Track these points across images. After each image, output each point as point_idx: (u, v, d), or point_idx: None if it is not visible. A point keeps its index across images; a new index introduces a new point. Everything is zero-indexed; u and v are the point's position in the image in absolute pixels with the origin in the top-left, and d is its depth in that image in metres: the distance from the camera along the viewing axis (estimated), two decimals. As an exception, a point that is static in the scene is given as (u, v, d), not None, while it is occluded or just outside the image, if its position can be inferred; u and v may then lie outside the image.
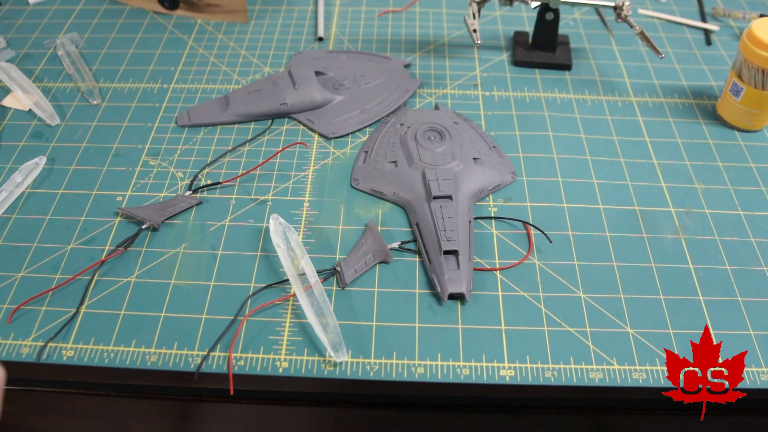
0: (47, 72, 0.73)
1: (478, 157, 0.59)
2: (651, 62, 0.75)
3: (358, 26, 0.80)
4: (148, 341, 0.48)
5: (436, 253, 0.52)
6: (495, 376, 0.46)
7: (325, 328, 0.47)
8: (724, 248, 0.55)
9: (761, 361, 0.47)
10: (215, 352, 0.47)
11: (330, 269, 0.52)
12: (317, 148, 0.63)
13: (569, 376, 0.46)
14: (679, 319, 0.50)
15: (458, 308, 0.50)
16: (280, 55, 0.75)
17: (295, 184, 0.60)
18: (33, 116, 0.67)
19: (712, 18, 0.82)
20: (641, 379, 0.46)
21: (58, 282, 0.52)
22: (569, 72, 0.73)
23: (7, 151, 0.63)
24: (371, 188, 0.59)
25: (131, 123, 0.66)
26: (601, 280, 0.52)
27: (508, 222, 0.57)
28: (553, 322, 0.49)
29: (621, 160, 0.62)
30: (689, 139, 0.65)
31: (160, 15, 0.81)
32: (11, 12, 0.83)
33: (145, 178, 0.60)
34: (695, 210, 0.58)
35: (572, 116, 0.67)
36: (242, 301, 0.50)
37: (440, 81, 0.72)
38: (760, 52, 0.60)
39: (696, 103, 0.69)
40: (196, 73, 0.72)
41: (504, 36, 0.78)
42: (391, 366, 0.47)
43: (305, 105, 0.66)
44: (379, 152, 0.61)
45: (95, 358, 0.47)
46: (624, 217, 0.57)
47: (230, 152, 0.63)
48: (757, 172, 0.62)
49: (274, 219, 0.52)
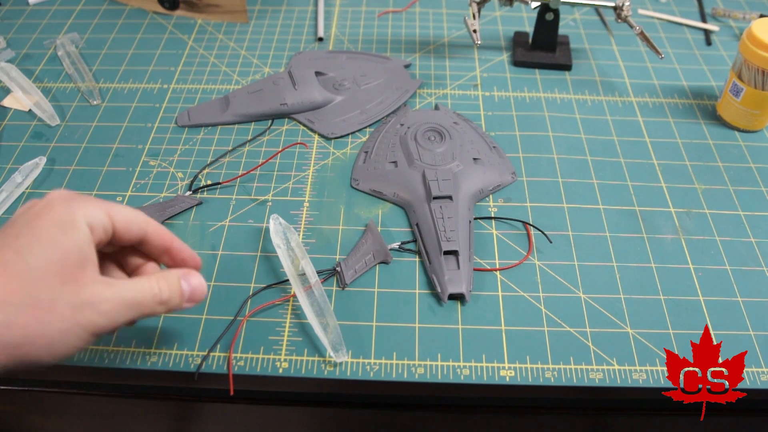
0: (47, 72, 0.73)
1: (478, 157, 0.59)
2: (651, 62, 0.75)
3: (358, 26, 0.80)
4: (148, 341, 0.48)
5: (436, 254, 0.52)
6: (495, 377, 0.46)
7: (325, 329, 0.47)
8: (724, 248, 0.55)
9: (761, 361, 0.47)
10: (215, 352, 0.47)
11: (330, 269, 0.52)
12: (317, 149, 0.63)
13: (569, 376, 0.46)
14: (679, 319, 0.50)
15: (458, 308, 0.50)
16: (280, 56, 0.75)
17: (295, 185, 0.60)
18: (33, 116, 0.67)
19: (712, 18, 0.82)
20: (641, 380, 0.46)
21: (58, 282, 0.51)
22: (569, 72, 0.73)
23: (7, 152, 0.63)
24: (371, 188, 0.59)
25: (131, 123, 0.66)
26: (601, 280, 0.52)
27: (508, 222, 0.57)
28: (553, 322, 0.49)
29: (621, 160, 0.62)
30: (689, 140, 0.65)
31: (160, 15, 0.81)
32: (11, 12, 0.83)
33: (145, 178, 0.60)
34: (695, 210, 0.58)
35: (572, 116, 0.67)
36: (242, 301, 0.50)
37: (440, 81, 0.72)
38: (760, 52, 0.60)
39: (696, 104, 0.69)
40: (196, 73, 0.73)
41: (504, 36, 0.78)
42: (391, 366, 0.47)
43: (305, 105, 0.66)
44: (379, 152, 0.61)
45: (95, 358, 0.47)
46: (624, 218, 0.57)
47: (230, 152, 0.63)
48: (757, 172, 0.62)
49: (274, 219, 0.52)
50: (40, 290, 0.33)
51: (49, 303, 0.33)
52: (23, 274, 0.32)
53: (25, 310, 0.32)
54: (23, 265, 0.32)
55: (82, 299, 0.34)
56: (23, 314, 0.32)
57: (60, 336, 0.33)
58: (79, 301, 0.33)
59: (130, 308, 0.36)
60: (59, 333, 0.33)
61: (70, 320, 0.33)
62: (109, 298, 0.35)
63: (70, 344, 0.33)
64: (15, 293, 0.32)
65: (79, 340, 0.34)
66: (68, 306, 0.33)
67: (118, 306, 0.35)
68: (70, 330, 0.33)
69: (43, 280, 0.33)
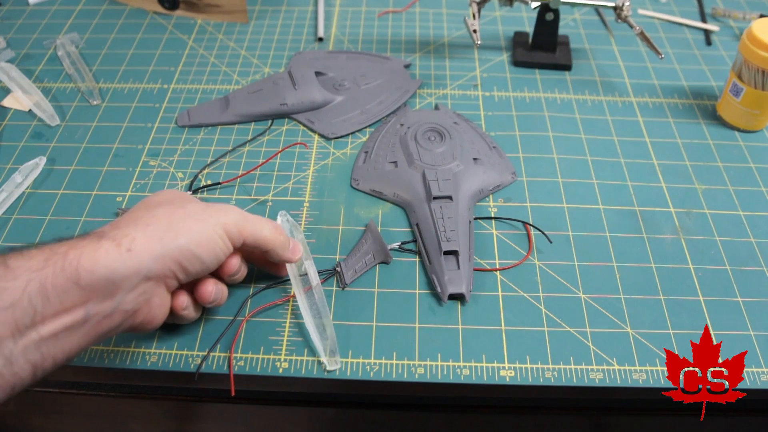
0: (47, 72, 0.73)
1: (478, 157, 0.59)
2: (651, 62, 0.75)
3: (358, 26, 0.80)
4: (148, 341, 0.48)
5: (436, 254, 0.52)
6: (495, 377, 0.46)
7: (321, 333, 0.47)
8: (724, 248, 0.55)
9: (761, 361, 0.47)
10: (215, 352, 0.47)
11: (330, 269, 0.52)
12: (317, 149, 0.63)
13: (569, 376, 0.46)
14: (679, 319, 0.50)
15: (458, 308, 0.50)
16: (280, 56, 0.75)
17: (295, 185, 0.60)
18: (33, 116, 0.67)
19: (712, 18, 0.82)
20: (641, 380, 0.46)
21: (58, 282, 0.51)
22: (569, 72, 0.73)
23: (7, 152, 0.63)
24: (371, 188, 0.59)
25: (131, 123, 0.66)
26: (601, 280, 0.52)
27: (508, 222, 0.57)
28: (553, 322, 0.49)
29: (621, 160, 0.62)
30: (689, 140, 0.65)
31: (160, 15, 0.81)
32: (11, 12, 0.83)
33: (145, 178, 0.60)
34: (695, 210, 0.58)
35: (572, 117, 0.67)
36: (242, 301, 0.50)
37: (440, 81, 0.72)
38: (760, 52, 0.60)
39: (696, 104, 0.69)
40: (196, 73, 0.73)
41: (504, 36, 0.78)
42: (391, 366, 0.47)
43: (305, 105, 0.66)
44: (379, 152, 0.61)
45: (95, 358, 0.47)
46: (624, 218, 0.57)
47: (230, 152, 0.63)
48: (757, 172, 0.62)
49: (282, 215, 0.52)
50: (192, 212, 0.42)
51: (181, 205, 0.43)
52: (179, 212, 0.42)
53: (185, 221, 0.41)
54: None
55: (218, 211, 0.43)
56: (183, 223, 0.41)
57: (210, 233, 0.41)
58: (214, 210, 0.43)
59: (246, 218, 0.44)
60: (210, 230, 0.42)
61: (202, 214, 0.42)
62: (236, 209, 0.45)
63: (217, 242, 0.42)
64: (177, 217, 0.42)
65: (221, 240, 0.42)
66: (198, 207, 0.43)
67: (239, 212, 0.44)
68: (215, 230, 0.42)
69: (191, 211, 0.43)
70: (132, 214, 0.42)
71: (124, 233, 0.39)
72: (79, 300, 0.36)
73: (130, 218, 0.41)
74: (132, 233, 0.39)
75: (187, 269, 0.41)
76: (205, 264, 0.42)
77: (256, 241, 0.44)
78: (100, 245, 0.37)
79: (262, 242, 0.45)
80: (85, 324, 0.36)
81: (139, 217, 0.41)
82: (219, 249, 0.42)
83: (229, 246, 0.43)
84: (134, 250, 0.38)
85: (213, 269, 0.43)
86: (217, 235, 0.42)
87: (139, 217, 0.41)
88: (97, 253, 0.37)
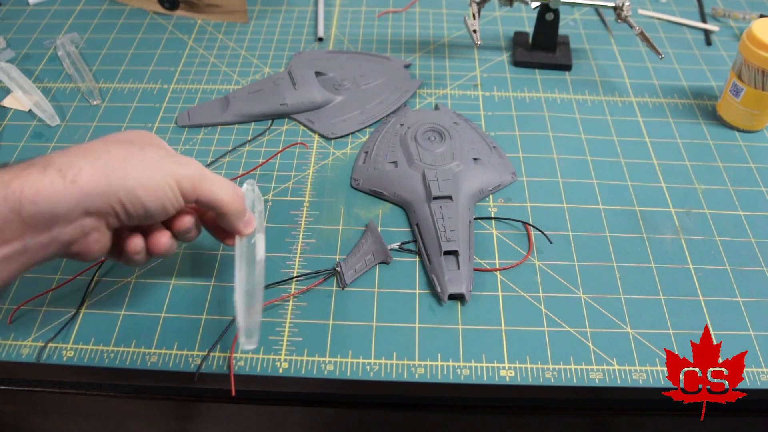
0: (47, 72, 0.73)
1: (478, 157, 0.59)
2: (651, 63, 0.75)
3: (358, 26, 0.80)
4: (148, 341, 0.48)
5: (436, 254, 0.52)
6: (495, 377, 0.46)
7: (248, 309, 0.44)
8: (724, 248, 0.55)
9: (761, 361, 0.47)
10: (215, 352, 0.47)
11: (330, 269, 0.52)
12: (317, 149, 0.63)
13: (569, 376, 0.46)
14: (679, 319, 0.50)
15: (458, 308, 0.50)
16: (280, 56, 0.75)
17: (295, 185, 0.60)
18: (33, 116, 0.67)
19: (712, 18, 0.82)
20: (641, 380, 0.46)
21: (59, 282, 0.52)
22: (569, 72, 0.73)
23: (7, 151, 0.63)
24: (371, 188, 0.59)
25: (131, 123, 0.66)
26: (601, 280, 0.52)
27: (508, 222, 0.57)
28: (553, 322, 0.49)
29: (621, 160, 0.62)
30: (689, 140, 0.65)
31: (160, 15, 0.82)
32: (11, 12, 0.83)
33: (145, 178, 0.60)
34: (695, 210, 0.58)
35: (572, 117, 0.67)
36: (242, 301, 0.50)
37: (440, 81, 0.72)
38: (760, 52, 0.60)
39: (696, 104, 0.69)
40: (196, 73, 0.73)
41: (504, 36, 0.78)
42: (391, 366, 0.47)
43: (305, 105, 0.66)
44: (379, 152, 0.61)
45: (95, 359, 0.47)
46: (624, 218, 0.57)
47: (230, 152, 0.63)
48: (757, 173, 0.62)
49: (249, 184, 0.50)
50: (149, 157, 0.40)
51: (141, 147, 0.41)
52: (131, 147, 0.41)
53: (138, 163, 0.39)
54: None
55: (176, 162, 0.41)
56: (135, 164, 0.39)
57: (161, 181, 0.40)
58: (173, 161, 0.41)
59: (205, 176, 0.42)
60: (161, 179, 0.40)
61: (158, 161, 0.40)
62: (197, 164, 0.42)
63: (166, 192, 0.40)
64: (131, 157, 0.40)
65: (171, 192, 0.40)
66: (157, 154, 0.41)
67: (199, 169, 0.42)
68: (166, 180, 0.40)
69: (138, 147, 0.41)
70: (89, 144, 0.40)
71: (72, 162, 0.37)
72: (19, 231, 0.36)
73: (84, 148, 0.40)
74: (80, 164, 0.37)
75: (129, 212, 0.39)
76: (150, 212, 0.40)
77: (211, 201, 0.42)
78: (44, 175, 0.36)
79: (217, 204, 0.43)
80: (22, 255, 0.37)
81: (93, 149, 0.39)
82: (167, 200, 0.40)
83: (179, 199, 0.41)
84: (78, 182, 0.37)
85: (160, 219, 0.42)
86: (168, 186, 0.40)
87: (93, 149, 0.39)
88: (41, 185, 0.36)
